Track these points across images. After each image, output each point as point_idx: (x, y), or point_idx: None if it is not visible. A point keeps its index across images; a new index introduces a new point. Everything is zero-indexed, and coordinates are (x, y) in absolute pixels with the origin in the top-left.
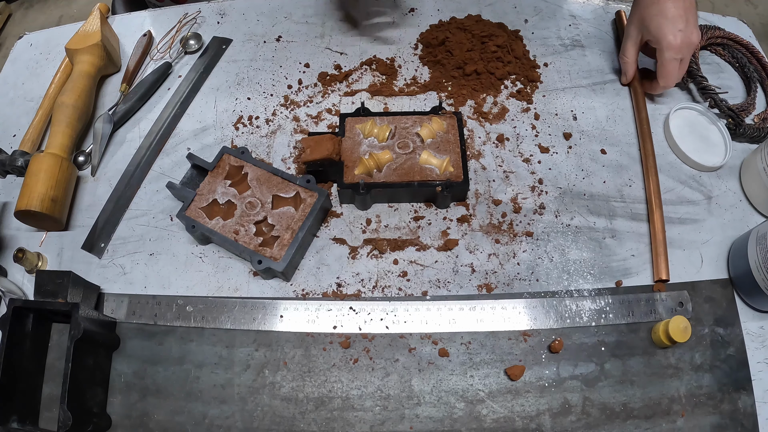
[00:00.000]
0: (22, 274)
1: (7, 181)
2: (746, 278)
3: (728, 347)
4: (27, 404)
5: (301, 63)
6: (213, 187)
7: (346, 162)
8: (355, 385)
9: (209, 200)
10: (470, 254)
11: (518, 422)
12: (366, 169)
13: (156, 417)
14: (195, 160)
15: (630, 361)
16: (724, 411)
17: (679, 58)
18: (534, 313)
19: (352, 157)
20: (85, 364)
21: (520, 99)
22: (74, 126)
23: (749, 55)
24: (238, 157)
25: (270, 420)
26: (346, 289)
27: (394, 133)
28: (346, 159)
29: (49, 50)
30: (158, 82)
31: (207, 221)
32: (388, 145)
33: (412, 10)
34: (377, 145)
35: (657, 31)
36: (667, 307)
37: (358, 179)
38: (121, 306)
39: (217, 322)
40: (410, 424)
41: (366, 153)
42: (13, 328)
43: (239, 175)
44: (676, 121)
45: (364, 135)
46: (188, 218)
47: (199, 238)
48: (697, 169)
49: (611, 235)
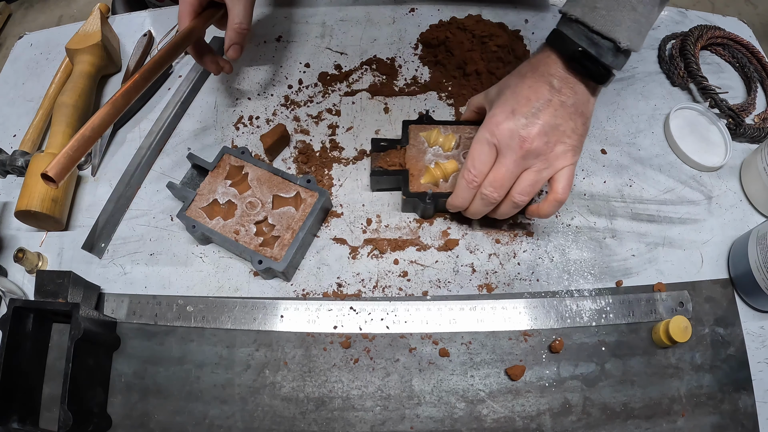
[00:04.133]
0: (22, 274)
1: (7, 181)
2: (746, 278)
3: (728, 347)
4: (27, 404)
5: (301, 63)
6: (213, 187)
7: (411, 170)
8: (355, 385)
9: (210, 200)
10: (470, 254)
11: (519, 422)
12: (433, 178)
13: (156, 417)
14: (195, 160)
15: (630, 361)
16: (724, 411)
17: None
18: (534, 313)
19: (418, 166)
20: (86, 364)
21: None
22: (74, 126)
23: (749, 55)
24: (239, 157)
25: (270, 420)
26: (347, 289)
27: (459, 142)
28: (411, 167)
29: (49, 50)
30: (158, 82)
31: (207, 221)
32: (453, 154)
33: (412, 10)
34: (442, 154)
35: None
36: (668, 307)
37: (423, 188)
38: (122, 306)
39: (217, 322)
40: (411, 424)
41: (431, 162)
42: (13, 328)
43: (239, 175)
44: (676, 121)
45: (429, 144)
46: (188, 218)
47: (200, 238)
48: (697, 169)
49: (611, 235)
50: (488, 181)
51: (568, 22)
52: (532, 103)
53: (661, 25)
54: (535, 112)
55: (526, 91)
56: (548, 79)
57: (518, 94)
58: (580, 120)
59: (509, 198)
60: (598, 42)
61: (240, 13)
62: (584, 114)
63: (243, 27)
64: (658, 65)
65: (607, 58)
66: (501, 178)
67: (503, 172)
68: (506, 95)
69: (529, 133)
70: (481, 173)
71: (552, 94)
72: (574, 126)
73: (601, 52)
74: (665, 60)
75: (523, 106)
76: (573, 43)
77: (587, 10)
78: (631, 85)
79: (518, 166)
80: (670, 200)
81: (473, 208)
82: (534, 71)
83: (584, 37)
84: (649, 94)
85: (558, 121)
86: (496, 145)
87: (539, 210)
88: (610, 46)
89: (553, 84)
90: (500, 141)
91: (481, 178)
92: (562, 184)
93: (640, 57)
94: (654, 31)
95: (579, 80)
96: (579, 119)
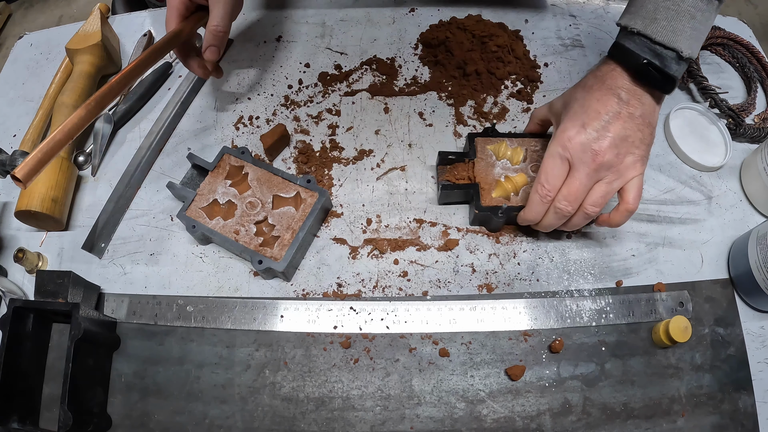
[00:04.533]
0: (22, 274)
1: (7, 181)
2: (746, 278)
3: (728, 347)
4: (27, 404)
5: (301, 63)
6: (213, 187)
7: (481, 184)
8: (355, 385)
9: (209, 200)
10: (470, 254)
11: (519, 422)
12: (504, 192)
13: (156, 417)
14: (195, 160)
15: (630, 361)
16: (724, 411)
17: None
18: (534, 313)
19: (487, 180)
20: (86, 364)
21: (520, 99)
22: None
23: (749, 55)
24: (239, 157)
25: (270, 420)
26: (347, 289)
27: (526, 156)
28: (481, 181)
29: (49, 50)
30: (158, 82)
31: (207, 221)
32: (522, 167)
33: (412, 10)
34: (511, 167)
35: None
36: (668, 307)
37: (495, 202)
38: (122, 306)
39: (217, 322)
40: (411, 424)
41: (501, 176)
42: (13, 328)
43: (239, 175)
44: (676, 121)
45: (498, 157)
46: (188, 218)
47: (200, 238)
48: (697, 169)
49: (611, 234)
50: (562, 194)
51: (629, 35)
52: (601, 116)
53: None
54: (605, 125)
55: (594, 104)
56: (616, 91)
57: (587, 107)
58: (648, 130)
59: (581, 210)
60: (661, 53)
61: (218, 15)
62: (651, 124)
63: (219, 29)
64: None
65: (671, 68)
66: (575, 192)
67: (577, 186)
68: (575, 108)
69: (601, 146)
70: (555, 187)
71: (620, 107)
72: (642, 136)
73: (665, 63)
74: None
75: (593, 119)
76: (637, 56)
77: (648, 22)
78: None
79: (591, 179)
80: (670, 200)
81: (546, 221)
82: (601, 84)
83: (647, 49)
84: None
85: (627, 133)
86: (569, 159)
87: (610, 220)
88: (673, 56)
89: (621, 96)
90: (573, 155)
91: (554, 193)
92: (632, 194)
93: None
94: None
95: (646, 91)
96: (647, 129)
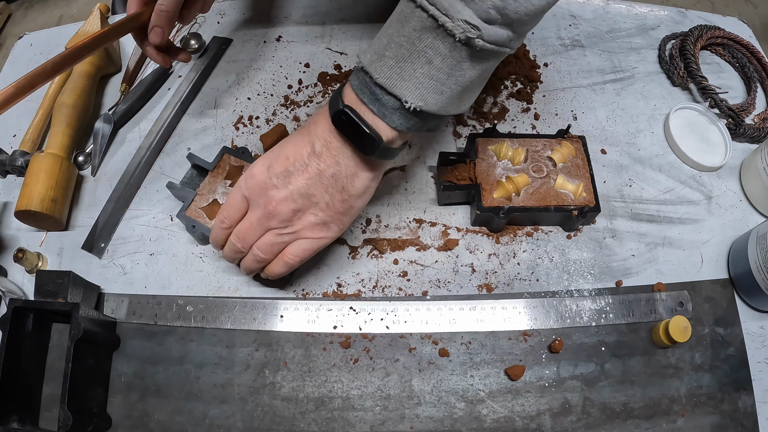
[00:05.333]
0: (22, 274)
1: (7, 181)
2: (746, 278)
3: (728, 347)
4: (27, 404)
5: (301, 63)
6: (213, 187)
7: (483, 185)
8: (355, 385)
9: (209, 200)
10: (470, 254)
11: (518, 422)
12: (506, 192)
13: (156, 417)
14: (195, 160)
15: (630, 361)
16: (724, 411)
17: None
18: (534, 313)
19: (489, 180)
20: (85, 364)
21: (520, 99)
22: (74, 126)
23: (749, 55)
24: (239, 157)
25: (270, 420)
26: (347, 289)
27: (527, 156)
28: (483, 182)
29: (49, 50)
30: (158, 82)
31: (207, 221)
32: (523, 168)
33: None
34: (512, 168)
35: None
36: (667, 307)
37: (497, 203)
38: (121, 306)
39: (217, 322)
40: (410, 424)
41: (502, 176)
42: (13, 328)
43: (239, 174)
44: (676, 121)
45: (499, 157)
46: (188, 218)
47: (200, 238)
48: (697, 169)
49: (611, 235)
50: (235, 231)
51: (356, 72)
52: (287, 164)
53: (661, 25)
54: (287, 175)
55: (289, 148)
56: (312, 139)
57: (282, 148)
58: (339, 196)
59: (251, 252)
60: (381, 98)
61: None
62: (346, 189)
63: (162, 8)
64: (658, 65)
65: (393, 120)
66: (245, 232)
67: (247, 227)
68: (275, 147)
69: (276, 196)
70: (232, 219)
71: (310, 159)
72: (329, 200)
73: (385, 112)
74: (665, 60)
75: (280, 164)
76: (340, 102)
77: (375, 58)
78: (631, 85)
79: (261, 225)
80: (670, 200)
81: (225, 251)
82: (306, 126)
83: (368, 90)
84: (649, 94)
85: (311, 191)
86: (247, 197)
87: (267, 269)
88: (396, 105)
89: (315, 147)
90: (250, 195)
91: (230, 223)
92: (293, 249)
93: (640, 57)
94: (654, 31)
95: (346, 146)
96: (337, 195)
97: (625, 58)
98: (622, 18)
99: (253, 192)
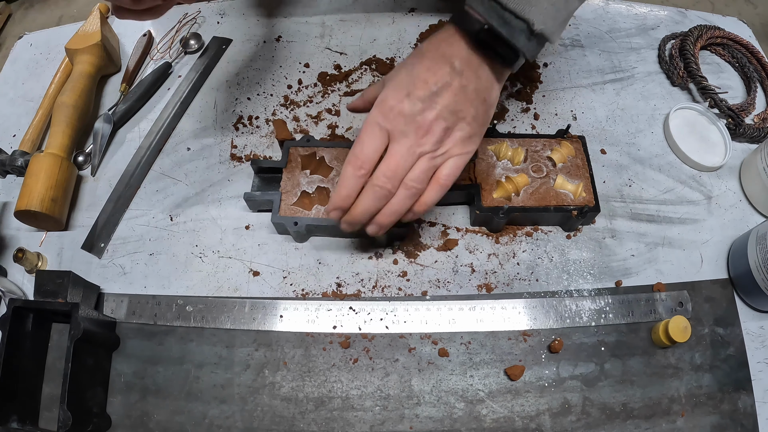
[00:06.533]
0: (22, 274)
1: (7, 181)
2: (746, 278)
3: (728, 347)
4: (27, 404)
5: (301, 63)
6: (295, 181)
7: (482, 185)
8: (355, 385)
9: (298, 194)
10: (470, 254)
11: (518, 422)
12: (505, 192)
13: (156, 417)
14: (261, 163)
15: (630, 361)
16: (724, 411)
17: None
18: (534, 313)
19: (489, 180)
20: (85, 364)
21: (519, 99)
22: (74, 126)
23: (749, 55)
24: (305, 146)
25: (270, 420)
26: (346, 289)
27: (526, 156)
28: (482, 182)
29: (49, 50)
30: (158, 82)
31: (307, 213)
32: (523, 168)
33: (411, 11)
34: (511, 168)
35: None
36: (667, 307)
37: (496, 203)
38: (121, 306)
39: (216, 322)
40: (410, 424)
41: (502, 176)
42: (13, 328)
43: (314, 161)
44: (676, 121)
45: (498, 157)
46: (286, 218)
47: (302, 234)
48: (697, 169)
49: (611, 235)
50: (380, 170)
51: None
52: (429, 85)
53: (660, 25)
54: (433, 96)
55: (423, 72)
56: (449, 60)
57: (415, 75)
58: (483, 107)
59: (402, 187)
60: (510, 21)
61: None
62: (486, 101)
63: None
64: (658, 65)
65: (519, 41)
66: (395, 167)
67: (397, 160)
68: (401, 76)
69: (426, 118)
70: (370, 160)
71: (452, 77)
72: (475, 113)
73: (513, 33)
74: (665, 60)
75: (419, 88)
76: (479, 22)
77: None
78: (630, 85)
79: (413, 154)
80: (670, 200)
81: (362, 202)
82: (435, 51)
83: (495, 15)
84: (649, 94)
85: (458, 107)
86: (389, 130)
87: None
88: (524, 28)
89: (455, 66)
90: (393, 126)
91: (369, 165)
92: (445, 171)
93: (640, 57)
94: (654, 31)
95: (484, 62)
96: (481, 106)
97: (625, 58)
98: (621, 18)
99: (397, 122)
